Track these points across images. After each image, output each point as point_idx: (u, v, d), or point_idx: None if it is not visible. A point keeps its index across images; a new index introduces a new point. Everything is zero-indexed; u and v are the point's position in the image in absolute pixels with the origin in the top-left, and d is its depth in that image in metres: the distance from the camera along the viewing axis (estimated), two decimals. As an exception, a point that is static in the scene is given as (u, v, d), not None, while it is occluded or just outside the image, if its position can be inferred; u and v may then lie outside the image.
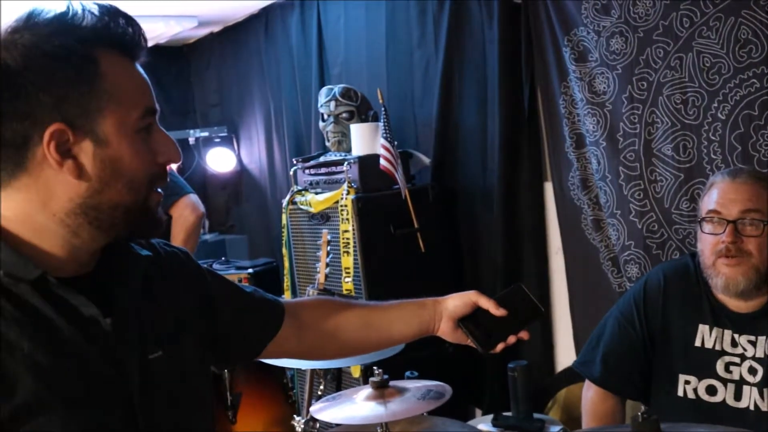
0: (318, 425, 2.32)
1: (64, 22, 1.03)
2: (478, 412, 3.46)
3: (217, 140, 5.09)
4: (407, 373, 2.51)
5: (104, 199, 1.05)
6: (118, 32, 1.07)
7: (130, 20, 1.09)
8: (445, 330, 1.51)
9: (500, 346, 1.49)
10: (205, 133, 5.11)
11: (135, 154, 1.06)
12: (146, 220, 1.12)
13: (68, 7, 1.04)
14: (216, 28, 5.09)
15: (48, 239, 1.06)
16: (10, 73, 0.99)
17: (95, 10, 1.05)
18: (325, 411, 1.88)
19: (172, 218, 3.31)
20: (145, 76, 1.11)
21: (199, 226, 3.36)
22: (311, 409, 1.96)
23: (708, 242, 1.93)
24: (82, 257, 1.10)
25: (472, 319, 1.49)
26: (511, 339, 1.49)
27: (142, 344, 1.11)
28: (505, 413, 2.66)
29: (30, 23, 1.02)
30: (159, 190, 1.13)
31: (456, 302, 1.50)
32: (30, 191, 1.04)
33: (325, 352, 1.61)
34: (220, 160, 5.11)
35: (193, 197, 3.38)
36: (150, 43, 4.37)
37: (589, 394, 2.16)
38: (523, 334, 1.50)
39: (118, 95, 1.05)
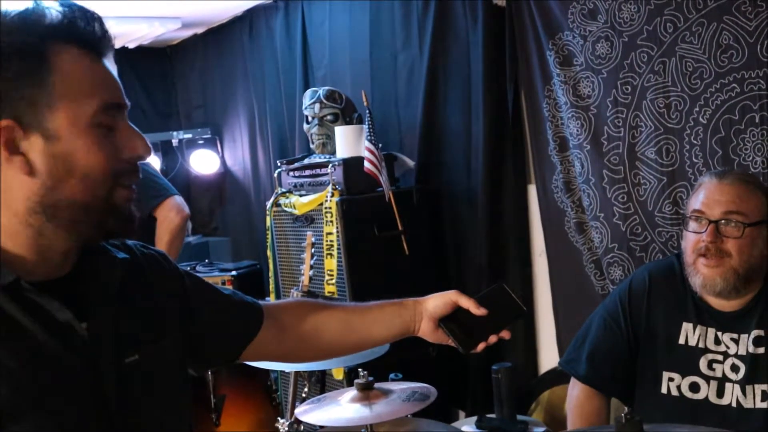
0: (302, 427, 2.32)
1: (24, 19, 1.03)
2: (462, 414, 3.47)
3: (201, 142, 5.08)
4: (391, 375, 2.51)
5: (60, 197, 1.03)
6: (80, 28, 1.05)
7: (94, 16, 1.07)
8: (426, 330, 1.51)
9: (481, 346, 1.48)
10: (189, 135, 5.09)
11: (90, 150, 1.04)
12: (113, 218, 1.08)
13: (33, 4, 1.04)
14: (200, 30, 5.08)
15: (14, 241, 1.04)
16: None
17: (59, 7, 1.04)
18: (310, 413, 1.88)
19: (156, 220, 3.29)
20: (111, 71, 1.09)
21: (184, 227, 3.33)
22: (296, 411, 1.95)
23: (690, 241, 1.96)
24: (54, 258, 1.08)
25: (452, 319, 1.49)
26: (493, 338, 1.48)
27: (118, 348, 1.09)
28: (488, 415, 2.66)
29: None
30: (132, 186, 1.10)
31: (436, 302, 1.50)
32: None
33: (305, 354, 1.60)
34: (203, 162, 5.10)
35: (178, 199, 3.35)
36: (133, 44, 4.33)
37: (575, 392, 2.17)
38: (505, 334, 1.49)
39: (70, 91, 1.03)
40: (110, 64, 1.10)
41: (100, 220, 1.08)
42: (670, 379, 2.00)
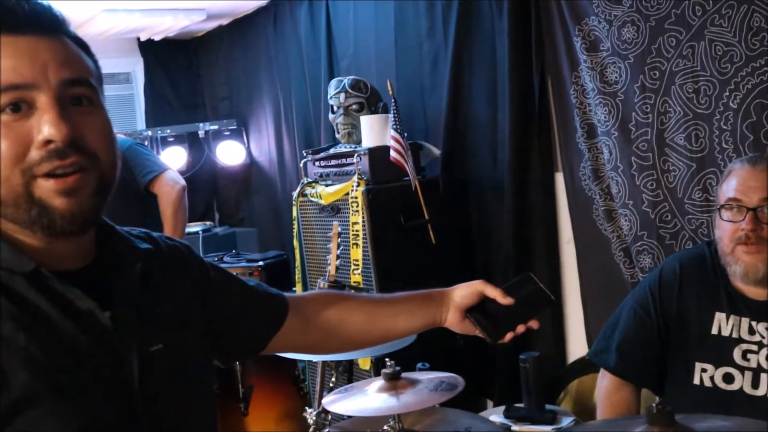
0: (330, 417, 2.32)
1: None
2: (489, 403, 3.46)
3: (227, 133, 5.10)
4: (419, 365, 2.51)
5: None
6: None
7: None
8: (453, 321, 1.49)
9: (509, 336, 1.47)
10: (215, 126, 5.12)
11: None
12: (44, 214, 1.00)
13: None
14: (224, 21, 5.09)
15: (23, 233, 1.03)
16: None
17: None
18: (337, 403, 1.87)
19: (157, 196, 3.47)
20: (19, 49, 0.98)
21: (183, 198, 3.48)
22: (323, 401, 1.95)
23: (727, 230, 1.91)
24: (67, 250, 1.06)
25: (479, 309, 1.48)
26: (520, 328, 1.47)
27: (142, 337, 1.09)
28: (516, 405, 2.66)
29: None
30: (61, 174, 0.99)
31: (462, 292, 1.48)
32: None
33: (330, 346, 1.59)
34: (229, 153, 5.12)
35: (171, 173, 3.54)
36: (159, 37, 4.37)
37: (604, 383, 2.15)
38: (533, 323, 1.48)
39: None
40: (42, 40, 1.00)
41: (28, 216, 1.01)
42: (703, 370, 1.97)
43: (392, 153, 3.09)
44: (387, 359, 1.91)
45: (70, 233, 1.03)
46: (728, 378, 1.93)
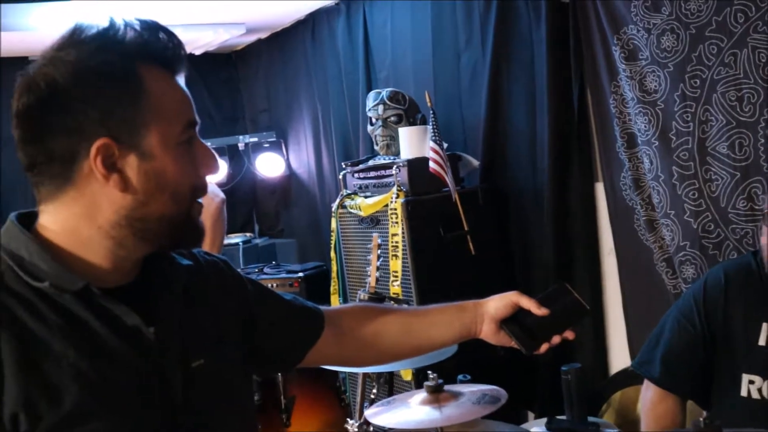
0: (372, 428, 2.33)
1: (107, 37, 1.05)
2: (531, 415, 3.44)
3: (266, 145, 5.15)
4: (460, 377, 2.50)
5: (150, 211, 1.07)
6: (159, 47, 1.08)
7: (170, 34, 1.10)
8: (488, 332, 1.50)
9: (545, 347, 1.47)
10: (255, 139, 5.17)
11: (178, 167, 1.08)
12: (189, 230, 1.14)
13: (110, 23, 1.06)
14: (263, 35, 5.15)
15: (93, 251, 1.08)
16: (60, 89, 1.01)
17: (136, 25, 1.07)
18: (380, 415, 1.88)
19: None
20: (185, 89, 1.13)
21: (223, 210, 3.45)
22: (366, 413, 1.96)
23: None
24: (126, 267, 1.12)
25: (514, 320, 1.48)
26: (556, 339, 1.47)
27: (185, 352, 1.12)
28: (558, 417, 2.64)
29: (74, 39, 1.04)
30: (200, 201, 1.15)
31: (497, 304, 1.49)
32: (77, 205, 1.06)
33: (366, 359, 1.61)
34: (269, 165, 5.17)
35: (211, 186, 3.51)
36: (199, 51, 4.42)
37: (648, 394, 2.13)
38: (569, 334, 1.48)
39: (161, 110, 1.06)
40: (182, 81, 1.13)
41: (179, 233, 1.13)
42: (751, 382, 1.94)
43: (431, 164, 3.10)
44: (429, 372, 1.91)
45: (193, 245, 1.22)
46: (777, 390, 1.90)
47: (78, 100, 1.02)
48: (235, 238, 4.96)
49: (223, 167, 5.06)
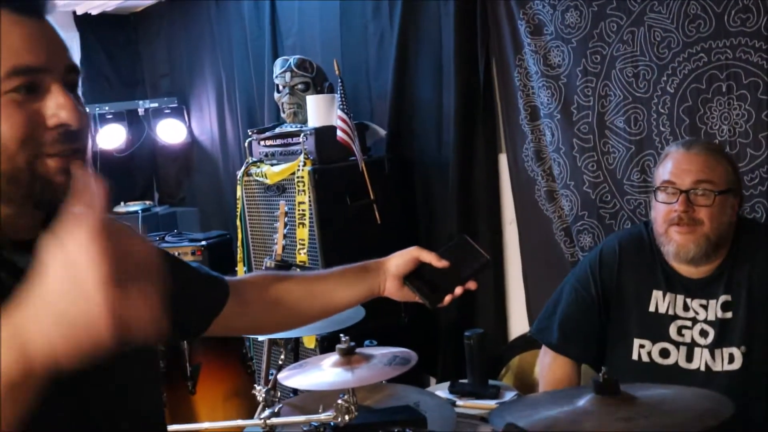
0: (279, 394, 2.34)
1: None
2: (432, 380, 3.52)
3: (168, 111, 5.02)
4: (366, 342, 2.54)
5: None
6: None
7: None
8: (391, 289, 1.52)
9: (448, 299, 1.50)
10: (155, 104, 5.03)
11: (1, 119, 0.98)
12: (40, 188, 1.02)
13: None
14: (165, -4, 5.00)
15: None
16: None
17: None
18: (292, 378, 1.89)
19: None
20: (43, 29, 1.02)
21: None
22: (279, 376, 1.97)
23: (661, 211, 1.99)
24: (27, 222, 1.06)
25: (417, 275, 1.51)
26: (458, 290, 1.50)
27: None
28: (461, 380, 2.72)
29: None
30: (66, 156, 1.03)
31: (398, 260, 1.52)
32: None
33: (271, 326, 1.60)
34: (170, 132, 5.04)
35: None
36: (96, 11, 4.23)
37: (546, 360, 2.21)
38: (471, 284, 1.51)
39: None
40: (53, 23, 1.04)
41: (29, 191, 1.02)
42: (641, 346, 2.05)
43: (339, 133, 3.10)
44: (342, 335, 1.93)
45: (53, 205, 1.05)
46: (664, 353, 2.02)
47: None
48: (135, 206, 4.82)
49: (121, 133, 4.92)
